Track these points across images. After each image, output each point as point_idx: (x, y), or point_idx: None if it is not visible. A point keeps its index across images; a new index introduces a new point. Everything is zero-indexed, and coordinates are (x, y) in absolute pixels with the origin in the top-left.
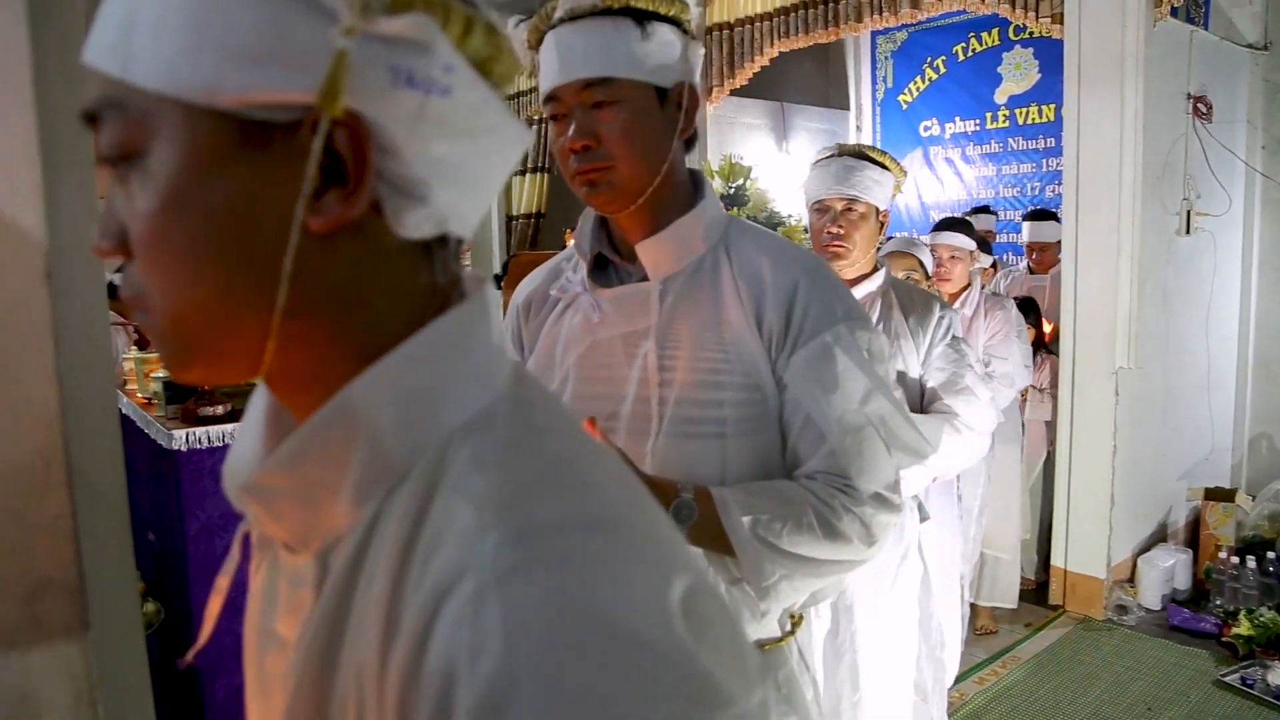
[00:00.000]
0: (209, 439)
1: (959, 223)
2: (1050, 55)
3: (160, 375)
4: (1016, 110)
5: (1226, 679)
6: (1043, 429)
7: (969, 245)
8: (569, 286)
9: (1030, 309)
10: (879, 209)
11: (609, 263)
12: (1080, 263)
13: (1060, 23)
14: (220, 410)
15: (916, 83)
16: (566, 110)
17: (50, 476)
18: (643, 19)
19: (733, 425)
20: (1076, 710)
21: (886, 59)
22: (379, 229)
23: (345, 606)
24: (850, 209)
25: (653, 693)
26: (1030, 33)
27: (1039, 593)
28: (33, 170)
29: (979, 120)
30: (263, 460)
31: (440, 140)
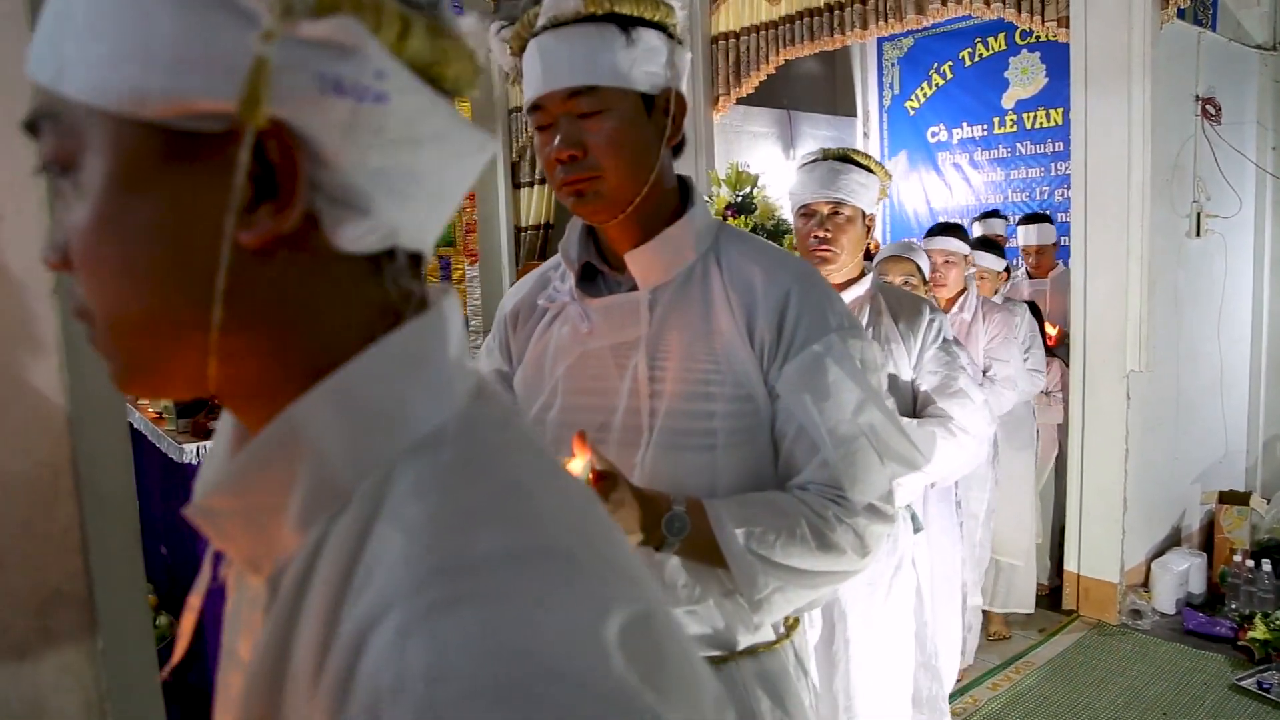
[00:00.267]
0: None
1: (952, 227)
2: (1057, 59)
3: None
4: (1024, 115)
5: (1242, 683)
6: (1053, 432)
7: (963, 249)
8: (557, 296)
9: (1032, 314)
10: (865, 213)
11: (597, 272)
12: (1090, 266)
13: (1066, 26)
14: None
15: (923, 89)
16: (552, 120)
17: (59, 488)
18: (628, 25)
19: (723, 437)
20: (1091, 715)
21: (893, 65)
22: (319, 243)
23: (289, 634)
24: (837, 213)
25: None
26: (1036, 37)
27: (1052, 597)
28: (38, 182)
29: (986, 125)
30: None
31: (379, 150)
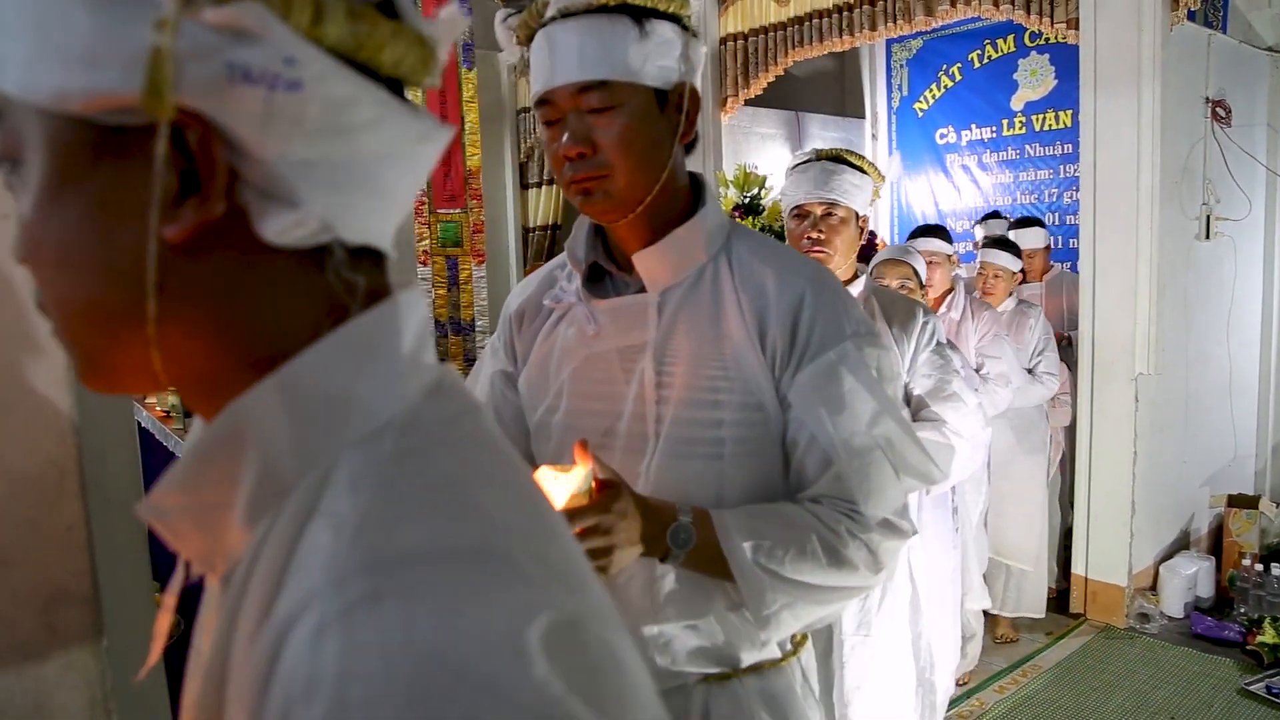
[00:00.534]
0: None
1: (934, 229)
2: (1067, 61)
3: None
4: (1033, 117)
5: (1251, 688)
6: (1058, 435)
7: (946, 249)
8: (563, 296)
9: None
10: (859, 214)
11: (605, 273)
12: (1099, 269)
13: (1076, 28)
14: None
15: (932, 90)
16: (560, 115)
17: (64, 487)
18: (641, 16)
19: (731, 446)
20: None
21: (902, 67)
22: (254, 237)
23: (230, 636)
24: (830, 214)
25: None
26: (1046, 39)
27: (1059, 601)
28: None
29: (995, 127)
30: None
31: (302, 140)
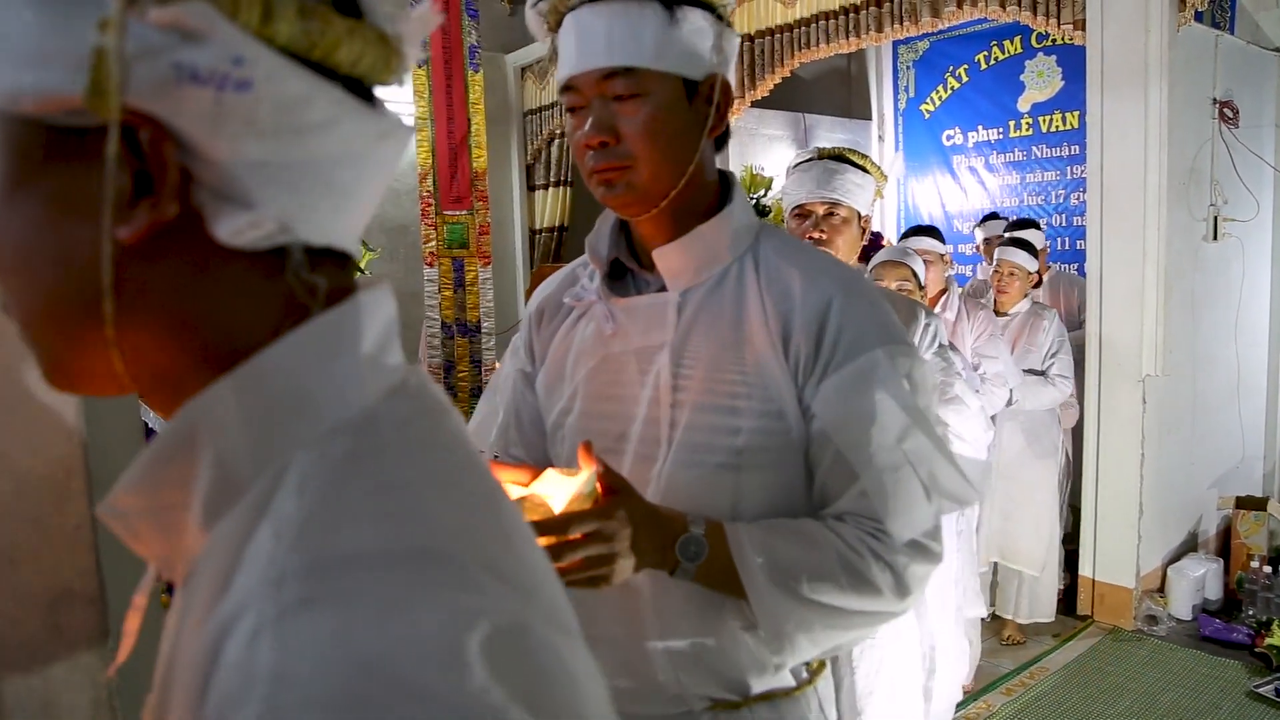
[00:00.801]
0: None
1: (927, 229)
2: (1073, 62)
3: None
4: (1040, 118)
5: (1259, 690)
6: (1065, 437)
7: (939, 249)
8: (583, 294)
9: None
10: (861, 213)
11: (628, 270)
12: (1106, 270)
13: (1082, 29)
14: None
15: (939, 92)
16: (585, 102)
17: (70, 486)
18: (672, 3)
19: (749, 456)
20: None
21: (908, 69)
22: (207, 238)
23: (180, 638)
24: (832, 213)
25: None
26: (1053, 40)
27: (1067, 603)
28: None
29: (1002, 129)
30: None
31: (254, 140)
